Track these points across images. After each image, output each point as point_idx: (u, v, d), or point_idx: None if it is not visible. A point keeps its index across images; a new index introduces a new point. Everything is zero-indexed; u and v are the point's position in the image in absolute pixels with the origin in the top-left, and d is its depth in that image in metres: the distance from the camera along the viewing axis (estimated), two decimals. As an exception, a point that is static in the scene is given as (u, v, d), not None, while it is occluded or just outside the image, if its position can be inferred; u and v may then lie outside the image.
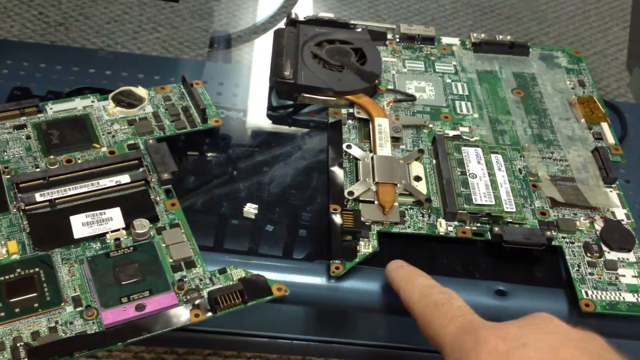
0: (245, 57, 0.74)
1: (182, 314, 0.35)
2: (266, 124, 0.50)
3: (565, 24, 1.31)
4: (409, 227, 0.41)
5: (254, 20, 0.92)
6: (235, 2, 1.14)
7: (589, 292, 0.38)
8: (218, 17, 1.15)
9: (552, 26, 1.31)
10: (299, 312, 0.40)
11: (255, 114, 0.51)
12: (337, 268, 0.39)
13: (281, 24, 0.53)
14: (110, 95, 0.45)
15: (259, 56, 0.65)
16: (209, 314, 0.36)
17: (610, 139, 0.47)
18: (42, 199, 0.39)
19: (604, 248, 0.40)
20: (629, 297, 0.38)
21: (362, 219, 0.40)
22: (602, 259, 0.40)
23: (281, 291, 0.37)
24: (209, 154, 0.47)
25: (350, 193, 0.42)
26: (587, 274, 0.39)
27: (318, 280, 0.39)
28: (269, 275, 0.38)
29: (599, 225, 0.41)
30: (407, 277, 0.36)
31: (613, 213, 0.42)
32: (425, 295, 0.34)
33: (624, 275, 0.39)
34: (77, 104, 0.45)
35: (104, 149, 0.42)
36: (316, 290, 0.39)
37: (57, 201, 0.39)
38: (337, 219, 0.40)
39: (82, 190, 0.40)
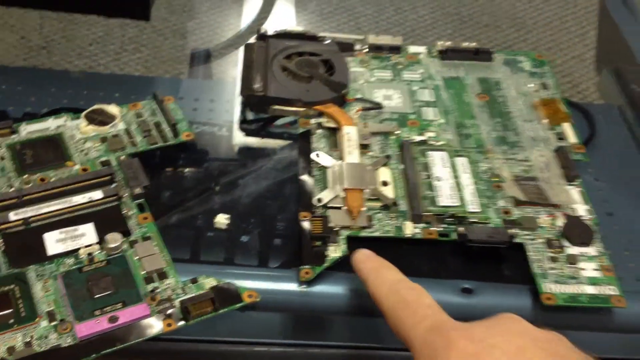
0: (225, 72, 0.75)
1: (154, 324, 0.36)
2: (239, 137, 0.52)
3: (543, 30, 1.33)
4: (376, 230, 0.42)
5: (234, 33, 0.93)
6: (215, 19, 1.16)
7: (551, 286, 0.39)
8: (199, 34, 1.16)
9: (531, 32, 1.32)
10: (272, 318, 0.41)
11: (229, 127, 0.53)
12: (306, 273, 0.40)
13: (252, 39, 0.55)
14: (83, 113, 0.46)
15: (234, 71, 0.66)
16: (181, 322, 0.37)
17: (573, 138, 0.48)
18: (16, 217, 0.40)
19: (566, 243, 0.42)
20: (590, 290, 0.39)
21: (331, 224, 0.41)
22: (563, 254, 0.41)
23: (252, 298, 0.38)
24: (184, 168, 0.48)
25: (319, 200, 0.43)
26: (548, 268, 0.40)
27: (289, 286, 0.40)
28: (241, 283, 0.39)
29: (560, 221, 0.43)
30: (375, 269, 0.36)
31: (574, 209, 0.44)
32: (394, 291, 0.34)
33: (584, 269, 0.40)
34: (50, 124, 0.46)
35: (77, 167, 0.43)
36: (288, 296, 0.40)
37: (31, 219, 0.40)
38: (307, 225, 0.41)
39: (55, 208, 0.41)
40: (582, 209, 0.44)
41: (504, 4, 1.39)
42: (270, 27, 0.55)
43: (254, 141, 0.52)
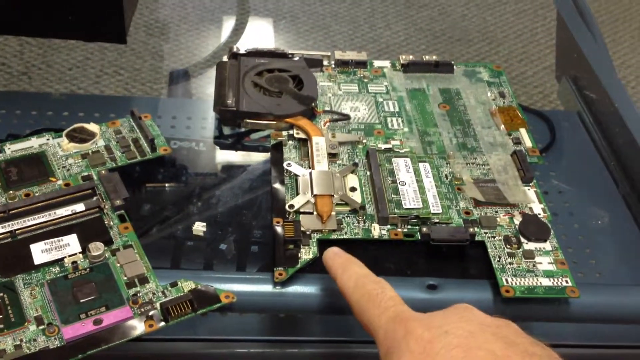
0: (203, 90, 0.78)
1: (136, 325, 0.39)
2: (215, 151, 0.54)
3: (514, 42, 1.37)
4: (345, 233, 0.44)
5: (210, 54, 0.96)
6: (193, 41, 1.19)
7: (509, 280, 0.42)
8: (177, 56, 1.18)
9: (502, 45, 1.36)
10: (249, 318, 0.43)
11: (205, 142, 0.55)
12: (280, 274, 0.42)
13: (224, 58, 0.57)
14: (64, 132, 0.49)
15: (211, 90, 0.69)
16: (162, 323, 0.39)
17: (528, 142, 0.51)
18: (3, 230, 0.42)
19: (522, 240, 0.44)
20: (546, 282, 0.42)
21: (302, 228, 0.44)
22: (520, 250, 0.44)
23: (229, 298, 0.40)
24: (162, 182, 0.51)
25: (291, 206, 0.45)
26: (507, 263, 0.43)
27: (264, 287, 0.43)
28: (218, 286, 0.41)
29: (517, 220, 0.45)
30: (343, 265, 0.38)
31: (531, 208, 0.46)
32: (360, 285, 0.37)
33: (540, 263, 0.43)
34: (34, 143, 0.48)
35: (60, 182, 0.46)
36: (263, 297, 0.43)
37: (17, 232, 0.42)
38: (280, 230, 0.44)
39: (40, 221, 0.43)
40: (537, 208, 0.46)
41: (474, 19, 1.43)
42: (243, 46, 0.57)
43: (228, 154, 0.54)
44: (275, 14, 1.31)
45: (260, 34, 1.02)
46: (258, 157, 0.54)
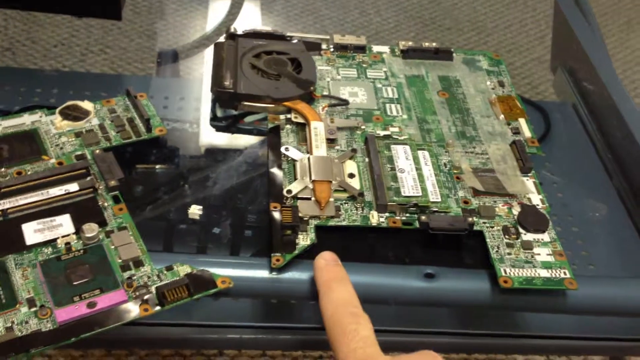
0: (191, 71, 0.77)
1: (131, 309, 0.38)
2: (210, 132, 0.53)
3: (503, 33, 1.37)
4: (344, 220, 0.44)
5: (200, 34, 0.94)
6: (181, 21, 1.17)
7: (507, 270, 0.42)
8: (165, 36, 1.17)
9: (491, 35, 1.36)
10: (245, 303, 0.43)
11: (200, 124, 0.54)
12: (277, 260, 0.41)
13: (221, 39, 0.56)
14: (58, 109, 0.47)
15: (202, 69, 0.68)
16: (158, 307, 0.38)
17: (527, 133, 0.51)
18: (-6, 209, 0.41)
19: (521, 230, 0.44)
20: (544, 273, 0.42)
21: (300, 214, 0.43)
22: (519, 240, 0.44)
23: (225, 283, 0.40)
24: (157, 163, 0.50)
25: (289, 191, 0.45)
26: (505, 254, 0.43)
27: (261, 273, 0.42)
28: (214, 271, 0.40)
29: (516, 210, 0.45)
30: (327, 285, 0.39)
31: (529, 199, 0.46)
32: (338, 316, 0.37)
33: (539, 254, 0.43)
34: (26, 120, 0.47)
35: (53, 161, 0.45)
36: (259, 283, 0.42)
37: (9, 211, 0.41)
38: (277, 215, 0.43)
39: (32, 200, 0.42)
40: (536, 199, 0.46)
41: (464, 8, 1.42)
42: (239, 26, 0.56)
43: (224, 137, 0.53)
44: (265, -3, 1.30)
45: (250, 16, 1.00)
46: (254, 141, 0.53)
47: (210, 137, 0.53)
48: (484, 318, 0.44)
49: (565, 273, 0.42)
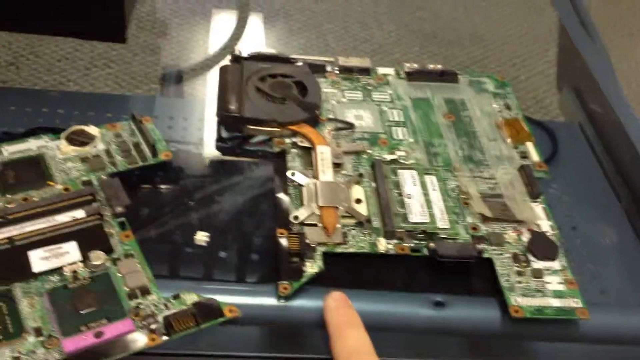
0: (196, 91, 0.77)
1: (138, 339, 0.37)
2: (215, 155, 0.53)
3: (506, 47, 1.37)
4: (351, 246, 0.44)
5: (203, 49, 0.95)
6: (185, 35, 1.17)
7: (518, 299, 0.41)
8: (169, 50, 1.17)
9: (494, 49, 1.36)
10: (252, 332, 0.43)
11: (205, 146, 0.54)
12: (285, 288, 0.41)
13: (226, 61, 0.56)
14: (63, 135, 0.47)
15: (208, 90, 0.67)
16: (165, 337, 0.38)
17: (535, 157, 0.51)
18: (1, 236, 0.41)
19: (531, 258, 0.44)
20: (555, 302, 0.42)
21: (307, 241, 0.43)
22: (529, 268, 0.43)
23: (233, 313, 0.39)
24: (162, 187, 0.49)
25: (296, 217, 0.44)
26: (515, 282, 0.42)
27: (268, 301, 0.42)
28: (221, 298, 0.40)
29: (525, 237, 0.45)
30: (339, 328, 0.38)
31: (539, 225, 0.46)
32: None
33: (550, 282, 0.43)
34: (32, 145, 0.47)
35: (59, 187, 0.44)
36: (267, 311, 0.42)
37: (15, 238, 0.41)
38: (284, 242, 0.43)
39: (39, 227, 0.41)
40: (545, 225, 0.46)
41: (465, 22, 1.42)
42: (243, 48, 0.56)
43: (229, 159, 0.53)
44: (268, 11, 1.30)
45: (253, 32, 1.00)
46: (260, 163, 0.52)
47: (216, 159, 0.53)
48: (493, 347, 0.43)
49: (577, 302, 0.42)
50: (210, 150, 0.53)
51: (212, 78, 0.58)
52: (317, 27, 1.32)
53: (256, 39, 0.98)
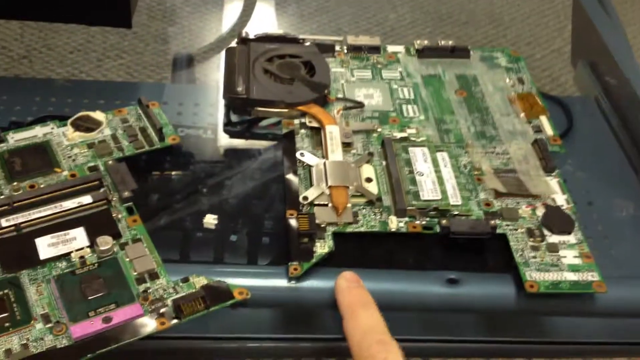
0: (207, 76, 0.76)
1: (148, 323, 0.37)
2: (224, 139, 0.53)
3: (521, 25, 1.35)
4: (362, 226, 0.43)
5: (215, 37, 0.94)
6: (196, 24, 1.17)
7: (533, 274, 0.41)
8: (180, 39, 1.16)
9: (509, 28, 1.34)
10: (263, 313, 0.42)
11: (214, 130, 0.54)
12: (295, 269, 0.41)
13: (233, 43, 0.56)
14: (69, 121, 0.47)
15: (217, 75, 0.67)
16: (174, 321, 0.37)
17: (549, 131, 0.50)
18: (7, 224, 0.40)
19: (546, 232, 0.43)
20: (571, 276, 0.41)
21: (317, 221, 0.42)
22: (544, 243, 0.42)
23: (242, 295, 0.39)
24: (171, 171, 0.49)
25: (305, 198, 0.44)
26: (530, 257, 0.41)
27: (278, 282, 0.41)
28: (231, 281, 0.39)
29: (540, 211, 0.44)
30: (351, 308, 0.37)
31: (554, 199, 0.45)
32: (366, 344, 0.35)
33: (565, 257, 0.42)
34: (38, 132, 0.47)
35: (66, 173, 0.44)
36: (277, 292, 0.41)
37: (22, 225, 0.41)
38: (294, 223, 0.42)
39: (46, 213, 0.41)
40: (560, 199, 0.45)
41: (481, 2, 1.40)
42: (251, 30, 0.56)
43: (238, 143, 0.53)
44: (279, -3, 1.29)
45: (264, 17, 1.00)
46: (268, 145, 0.52)
47: (225, 143, 0.53)
48: (509, 323, 0.43)
49: (593, 276, 0.41)
50: (219, 133, 0.53)
51: (220, 63, 0.58)
52: (329, 11, 1.31)
53: (267, 23, 0.98)
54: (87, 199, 0.42)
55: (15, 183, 0.43)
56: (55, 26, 1.12)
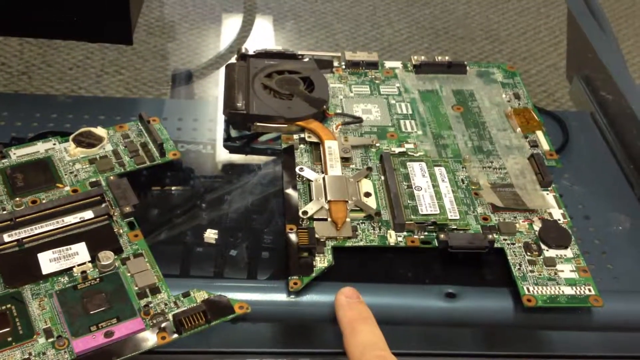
0: (205, 92, 0.77)
1: (149, 338, 0.37)
2: (224, 154, 0.53)
3: (517, 41, 1.36)
4: (361, 240, 0.43)
5: (214, 53, 0.95)
6: (195, 40, 1.17)
7: (531, 288, 0.41)
8: (179, 55, 1.17)
9: (505, 43, 1.35)
10: (263, 328, 0.42)
11: (213, 145, 0.54)
12: (295, 283, 0.41)
13: (232, 59, 0.56)
14: (71, 136, 0.47)
15: (215, 91, 0.68)
16: (175, 335, 0.38)
17: (545, 145, 0.50)
18: (10, 239, 0.41)
19: (543, 247, 0.43)
20: (568, 291, 0.41)
21: (317, 235, 0.43)
22: (541, 257, 0.43)
23: (243, 309, 0.39)
24: (171, 187, 0.49)
25: (305, 212, 0.44)
26: (528, 271, 0.42)
27: (278, 296, 0.42)
28: (231, 295, 0.40)
29: (537, 226, 0.44)
30: (351, 324, 0.38)
31: (550, 214, 0.45)
32: (364, 358, 0.36)
33: (562, 271, 0.42)
34: (39, 148, 0.47)
35: (67, 188, 0.44)
36: (277, 307, 0.42)
37: (24, 240, 0.41)
38: (293, 237, 0.43)
39: (48, 229, 0.42)
40: (557, 213, 0.45)
41: (477, 17, 1.41)
42: (250, 46, 0.56)
43: (238, 158, 0.53)
44: (277, 12, 1.30)
45: (262, 33, 1.00)
46: (268, 161, 0.52)
47: (224, 158, 0.53)
48: (507, 337, 0.43)
49: (590, 290, 0.41)
50: (219, 148, 0.53)
51: (223, 78, 0.58)
52: (326, 27, 1.32)
53: (265, 39, 0.98)
54: (88, 214, 0.42)
55: (17, 198, 0.43)
56: (55, 43, 1.13)
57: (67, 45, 1.12)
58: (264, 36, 1.00)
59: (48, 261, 0.40)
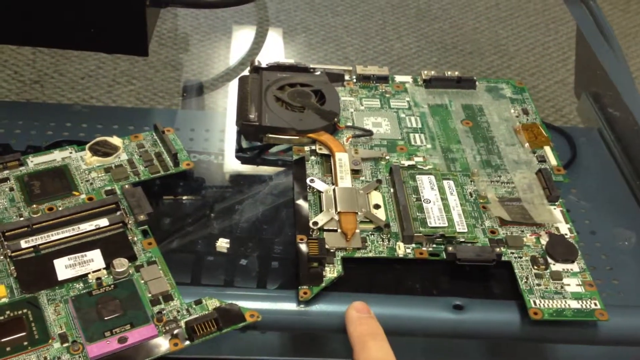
0: (216, 103, 0.78)
1: (161, 344, 0.38)
2: (236, 164, 0.54)
3: (526, 56, 1.37)
4: (370, 251, 0.44)
5: (224, 64, 0.96)
6: (205, 51, 1.18)
7: (537, 302, 0.42)
8: (190, 67, 1.18)
9: (514, 59, 1.36)
10: (273, 337, 0.43)
11: (225, 156, 0.55)
12: (305, 293, 0.42)
13: (245, 72, 0.57)
14: (87, 145, 0.48)
15: (227, 102, 0.68)
16: (187, 342, 0.38)
17: (553, 161, 0.51)
18: (27, 245, 0.42)
19: (550, 260, 0.44)
20: (574, 304, 0.42)
21: (327, 246, 0.43)
22: (548, 271, 0.43)
23: (254, 317, 0.40)
24: (184, 196, 0.50)
25: (315, 223, 0.45)
26: (534, 285, 0.42)
27: (288, 305, 0.42)
28: (242, 304, 0.40)
29: (544, 240, 0.45)
30: (362, 340, 0.38)
31: (557, 228, 0.46)
32: None
33: (568, 285, 0.43)
34: (56, 156, 0.48)
35: (83, 196, 0.45)
36: (287, 316, 0.42)
37: (41, 246, 0.42)
38: (304, 247, 0.43)
39: (64, 235, 0.42)
40: (564, 228, 0.46)
41: (486, 32, 1.42)
42: (263, 59, 0.57)
43: (250, 168, 0.54)
44: (288, 26, 1.31)
45: (273, 46, 1.02)
46: (279, 171, 0.53)
47: (236, 168, 0.54)
48: (513, 350, 0.44)
49: (595, 304, 0.42)
50: (230, 159, 0.54)
51: (233, 90, 0.59)
52: (336, 40, 1.33)
53: (276, 52, 0.99)
54: (104, 222, 0.43)
55: (34, 205, 0.44)
56: (67, 52, 1.14)
57: (79, 55, 1.14)
58: (275, 49, 1.01)
59: (64, 267, 0.41)
